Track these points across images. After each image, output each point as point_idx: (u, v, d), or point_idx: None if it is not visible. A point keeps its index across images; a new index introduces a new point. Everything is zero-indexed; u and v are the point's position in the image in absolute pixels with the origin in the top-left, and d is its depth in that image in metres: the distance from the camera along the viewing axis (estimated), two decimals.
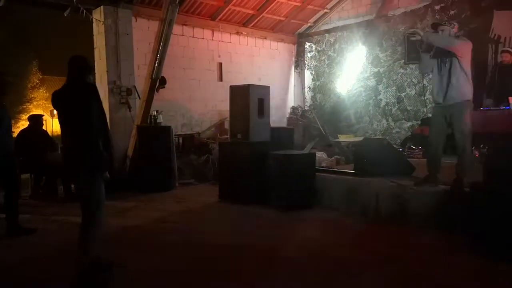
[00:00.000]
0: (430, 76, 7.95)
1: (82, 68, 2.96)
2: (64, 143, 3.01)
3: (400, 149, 7.07)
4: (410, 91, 8.48)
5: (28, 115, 6.48)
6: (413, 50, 8.12)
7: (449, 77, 4.18)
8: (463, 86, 4.17)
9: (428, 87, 8.10)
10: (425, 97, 8.19)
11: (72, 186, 6.17)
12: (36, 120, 6.41)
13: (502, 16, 6.95)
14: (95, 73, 3.19)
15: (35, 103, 24.54)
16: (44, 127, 6.71)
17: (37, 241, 4.10)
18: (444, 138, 4.38)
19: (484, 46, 7.07)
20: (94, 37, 7.27)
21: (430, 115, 7.61)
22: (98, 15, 7.04)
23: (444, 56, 4.19)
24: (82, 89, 2.89)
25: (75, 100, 2.86)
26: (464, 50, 4.17)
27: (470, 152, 4.30)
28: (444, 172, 4.42)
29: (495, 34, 6.98)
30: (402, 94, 8.61)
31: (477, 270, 3.18)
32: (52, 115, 24.11)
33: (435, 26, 4.40)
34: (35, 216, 5.04)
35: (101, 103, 2.96)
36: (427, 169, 4.49)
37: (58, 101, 2.94)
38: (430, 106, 7.92)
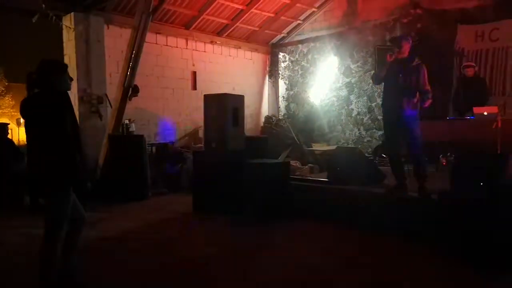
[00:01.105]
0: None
1: (51, 73, 2.76)
2: (33, 154, 2.77)
3: (372, 158, 7.24)
4: (380, 101, 8.67)
5: None
6: (383, 62, 8.44)
7: (402, 90, 4.37)
8: (413, 103, 4.37)
9: None
10: None
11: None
12: (1, 130, 6.16)
13: (465, 30, 7.30)
14: (69, 76, 2.97)
15: (0, 111, 23.63)
16: (9, 136, 6.45)
17: (3, 255, 3.93)
18: (400, 146, 4.57)
19: (449, 59, 7.39)
20: (64, 44, 7.09)
21: None
22: (68, 21, 6.88)
23: (399, 72, 4.38)
24: (54, 99, 2.70)
25: (47, 111, 2.68)
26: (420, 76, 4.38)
27: (423, 159, 4.50)
28: (412, 179, 4.55)
29: (459, 47, 7.30)
30: (373, 104, 8.84)
31: (446, 277, 3.27)
32: (18, 124, 23.25)
33: (393, 40, 4.59)
34: (1, 229, 4.83)
35: (73, 112, 2.80)
36: (394, 178, 4.63)
37: (27, 111, 2.75)
38: None
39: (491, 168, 3.74)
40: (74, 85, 6.80)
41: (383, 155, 7.40)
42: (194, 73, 8.99)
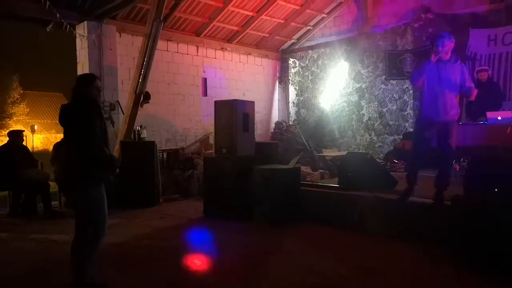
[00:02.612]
0: (411, 90, 8.16)
1: (81, 85, 3.04)
2: (67, 158, 2.99)
3: (383, 163, 7.18)
4: (391, 106, 8.66)
5: (7, 130, 6.32)
6: (394, 67, 8.42)
7: (445, 95, 4.22)
8: (455, 105, 4.27)
9: (409, 102, 8.32)
10: (406, 112, 8.40)
11: (53, 202, 6.06)
12: (16, 136, 6.26)
13: (478, 34, 7.22)
14: (96, 87, 3.14)
15: (15, 118, 24.13)
16: (24, 143, 6.55)
17: (13, 261, 3.96)
18: (427, 152, 4.47)
19: (461, 64, 7.30)
20: (77, 52, 7.22)
21: (411, 129, 7.80)
22: (81, 30, 7.01)
23: (442, 72, 4.22)
24: (83, 105, 2.93)
25: (78, 116, 2.90)
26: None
27: (451, 167, 4.40)
28: (427, 185, 4.49)
29: (471, 52, 7.23)
30: (384, 109, 8.78)
31: (459, 282, 3.21)
32: (32, 131, 23.68)
33: (434, 37, 4.42)
34: (13, 234, 4.89)
35: (103, 118, 3.02)
36: (406, 181, 4.56)
37: (62, 118, 2.98)
38: (411, 121, 8.13)
39: (505, 174, 3.67)
40: None
41: (394, 160, 7.33)
42: (205, 80, 9.06)
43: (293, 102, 10.59)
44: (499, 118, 5.36)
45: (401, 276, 3.36)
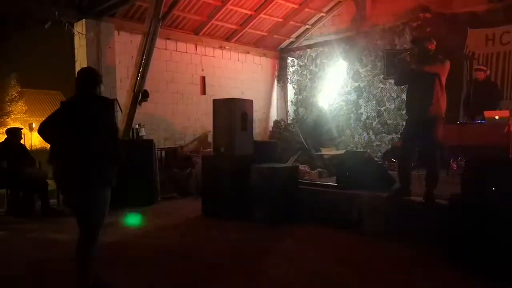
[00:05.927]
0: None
1: (93, 84, 2.92)
2: (74, 156, 2.78)
3: (381, 162, 7.19)
4: (389, 105, 8.67)
5: (5, 128, 6.30)
6: (392, 66, 8.43)
7: (426, 92, 4.30)
8: (438, 102, 4.31)
9: None
10: (404, 111, 8.39)
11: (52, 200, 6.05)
12: (14, 134, 6.25)
13: (476, 34, 7.24)
14: (85, 82, 2.97)
15: (13, 116, 24.02)
16: (22, 141, 6.54)
17: (11, 260, 3.95)
18: (414, 149, 4.53)
19: (459, 63, 7.33)
20: (76, 50, 7.20)
21: None
22: (80, 28, 6.99)
23: (424, 73, 4.31)
24: (107, 102, 2.90)
25: (102, 112, 2.83)
26: (445, 70, 4.35)
27: (439, 165, 4.44)
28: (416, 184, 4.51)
29: (469, 51, 7.25)
30: (382, 108, 8.80)
31: (455, 283, 3.23)
32: (30, 129, 23.59)
33: (414, 41, 4.57)
34: (11, 233, 4.89)
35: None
36: (398, 180, 4.59)
37: (75, 112, 2.81)
38: None
39: (502, 173, 3.69)
40: None
41: (392, 159, 7.35)
42: (203, 78, 9.05)
43: (291, 101, 10.59)
44: (497, 117, 5.37)
45: (398, 276, 3.38)
